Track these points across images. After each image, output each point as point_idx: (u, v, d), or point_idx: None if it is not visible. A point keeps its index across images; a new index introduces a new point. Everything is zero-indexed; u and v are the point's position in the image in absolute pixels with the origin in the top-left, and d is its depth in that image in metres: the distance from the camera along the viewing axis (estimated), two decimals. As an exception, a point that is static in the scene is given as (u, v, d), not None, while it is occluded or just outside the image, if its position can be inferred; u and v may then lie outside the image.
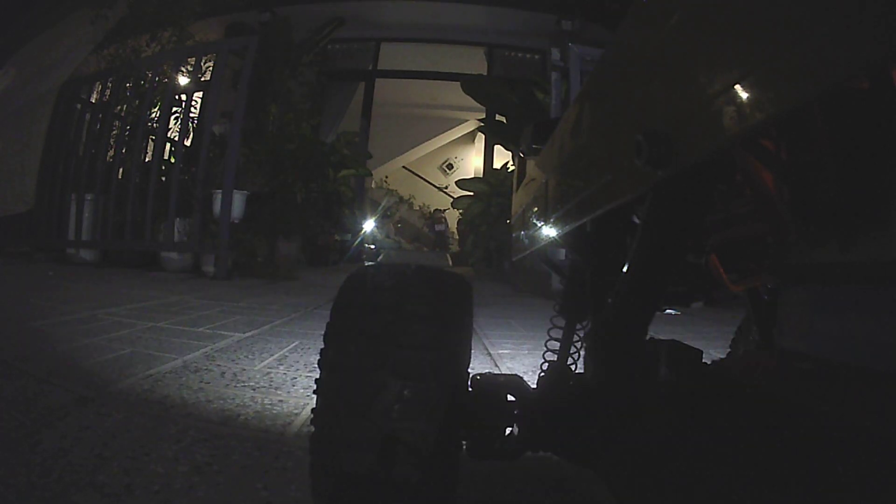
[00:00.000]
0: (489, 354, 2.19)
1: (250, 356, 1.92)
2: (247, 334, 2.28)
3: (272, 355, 1.93)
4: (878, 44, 0.23)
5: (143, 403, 1.36)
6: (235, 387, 1.55)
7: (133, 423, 1.23)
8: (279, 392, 1.54)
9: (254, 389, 1.54)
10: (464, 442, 0.74)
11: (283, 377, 1.69)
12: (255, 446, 1.15)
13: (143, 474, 0.99)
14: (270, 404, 1.43)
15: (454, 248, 10.52)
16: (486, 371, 0.81)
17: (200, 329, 2.33)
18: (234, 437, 1.19)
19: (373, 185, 10.48)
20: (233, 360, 1.84)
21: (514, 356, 2.15)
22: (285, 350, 1.99)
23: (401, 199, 12.21)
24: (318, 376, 0.66)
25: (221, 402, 1.41)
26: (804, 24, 0.27)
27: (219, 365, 1.78)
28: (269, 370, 1.75)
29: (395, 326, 0.63)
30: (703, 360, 0.65)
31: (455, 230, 10.34)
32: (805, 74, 0.28)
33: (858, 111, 0.40)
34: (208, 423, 1.26)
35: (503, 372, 1.88)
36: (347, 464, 0.58)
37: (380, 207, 10.22)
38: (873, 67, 0.24)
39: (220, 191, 4.47)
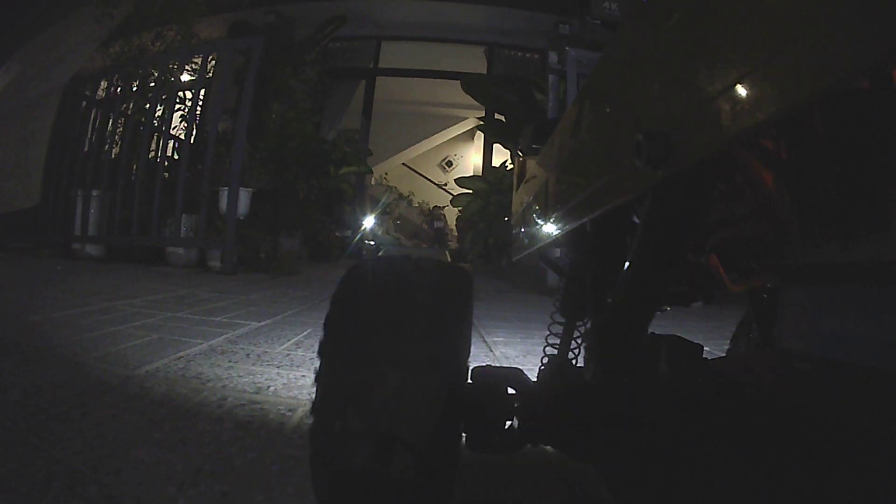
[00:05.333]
0: (485, 342, 2.30)
1: (269, 341, 2.07)
2: (262, 323, 2.43)
3: (289, 340, 2.08)
4: (878, 44, 0.23)
5: (181, 379, 1.50)
6: (261, 365, 1.72)
7: (176, 394, 1.37)
8: (300, 369, 1.69)
9: (278, 367, 1.70)
10: (463, 435, 0.75)
11: (301, 358, 1.84)
12: (287, 408, 1.31)
13: (194, 431, 1.13)
14: (294, 378, 1.58)
15: (453, 244, 10.52)
16: (482, 358, 0.81)
17: (217, 318, 2.46)
18: (268, 403, 1.34)
19: (372, 182, 10.47)
20: (254, 345, 1.99)
21: (507, 343, 2.30)
22: (300, 336, 2.15)
23: (400, 195, 12.20)
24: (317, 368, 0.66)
25: (251, 376, 1.57)
26: (804, 24, 0.27)
27: (242, 348, 1.93)
28: (288, 352, 1.90)
29: (395, 318, 0.63)
30: (704, 356, 0.65)
31: (454, 227, 10.34)
32: (805, 74, 0.27)
33: (858, 111, 0.40)
34: (243, 393, 1.42)
35: (497, 355, 2.03)
36: (346, 457, 0.58)
37: (379, 204, 10.21)
38: (873, 67, 0.24)
39: (225, 188, 4.54)
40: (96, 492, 0.87)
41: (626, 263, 0.59)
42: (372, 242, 8.79)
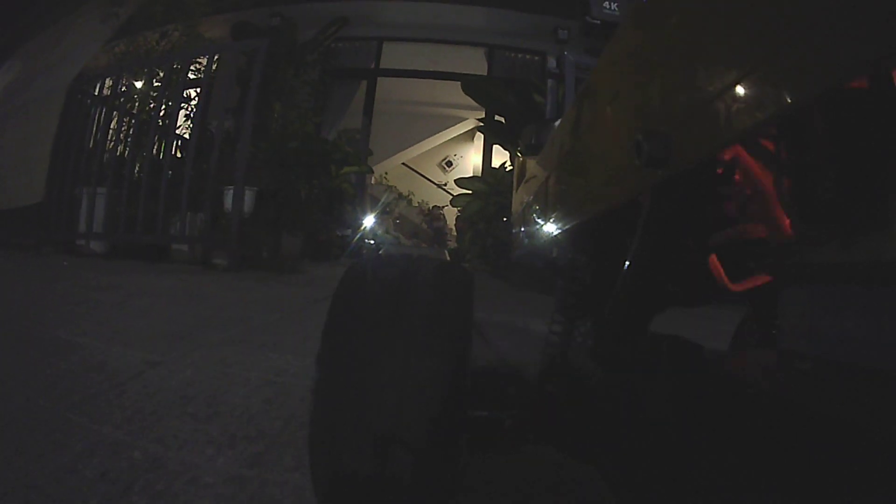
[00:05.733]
0: (481, 334, 2.41)
1: (281, 332, 2.18)
2: (272, 317, 2.54)
3: (299, 333, 2.20)
4: (878, 44, 0.23)
5: (206, 364, 1.61)
6: (277, 353, 1.84)
7: (204, 375, 1.49)
8: (314, 357, 1.81)
9: (293, 354, 1.83)
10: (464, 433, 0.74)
11: (313, 347, 1.87)
12: (306, 389, 1.40)
13: (226, 405, 1.26)
14: (310, 363, 1.69)
15: (452, 244, 10.51)
16: (477, 347, 0.81)
17: (230, 313, 2.53)
18: (289, 382, 1.47)
19: (372, 182, 10.47)
20: (268, 335, 2.10)
21: (501, 336, 2.48)
22: (309, 329, 2.23)
23: (400, 195, 12.19)
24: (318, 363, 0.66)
25: (270, 361, 1.70)
26: (804, 25, 0.27)
27: (258, 338, 2.04)
28: (300, 342, 2.02)
29: (396, 316, 0.62)
30: (704, 356, 0.65)
31: (453, 227, 10.34)
32: (805, 74, 0.27)
33: (858, 111, 0.40)
34: (266, 374, 1.55)
35: (491, 346, 2.12)
36: (345, 456, 0.58)
37: (379, 204, 10.20)
38: (873, 67, 0.24)
39: (229, 187, 4.58)
40: (140, 455, 0.97)
41: (626, 263, 0.59)
42: (372, 242, 8.79)
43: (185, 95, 5.18)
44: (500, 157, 7.83)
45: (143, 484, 0.87)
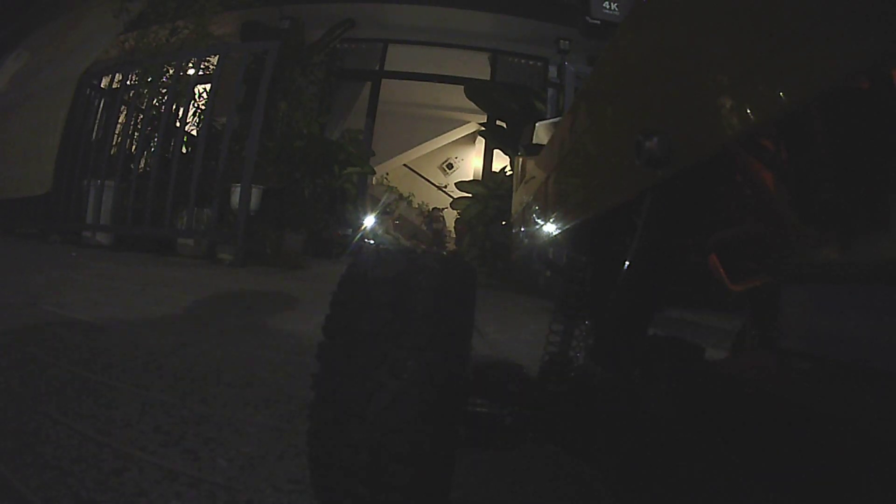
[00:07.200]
0: (477, 329, 2.44)
1: (300, 317, 2.42)
2: (283, 308, 2.73)
3: (315, 318, 2.33)
4: (878, 44, 0.23)
5: (239, 341, 1.83)
6: (295, 338, 2.02)
7: (233, 354, 1.67)
8: None
9: (309, 341, 1.96)
10: (462, 429, 0.74)
11: None
12: None
13: (256, 377, 1.44)
14: None
15: (451, 246, 10.52)
16: (475, 340, 0.81)
17: (244, 303, 2.75)
18: (309, 363, 1.78)
19: (373, 182, 10.47)
20: (284, 324, 2.27)
21: (497, 330, 2.68)
22: (322, 322, 2.29)
23: (400, 196, 12.19)
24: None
25: (294, 339, 1.95)
26: (804, 25, 0.27)
27: (280, 321, 2.28)
28: (315, 331, 2.05)
29: (398, 309, 0.62)
30: (704, 357, 0.65)
31: (452, 229, 10.34)
32: (805, 74, 0.28)
33: (858, 111, 0.40)
34: (293, 348, 1.81)
35: (487, 340, 2.22)
36: (344, 451, 0.58)
37: (380, 204, 10.20)
38: (873, 67, 0.24)
39: (237, 184, 4.68)
40: (189, 413, 1.10)
41: (626, 263, 0.59)
42: (372, 241, 8.80)
43: (193, 92, 5.21)
44: (500, 161, 7.84)
45: (194, 432, 1.01)
